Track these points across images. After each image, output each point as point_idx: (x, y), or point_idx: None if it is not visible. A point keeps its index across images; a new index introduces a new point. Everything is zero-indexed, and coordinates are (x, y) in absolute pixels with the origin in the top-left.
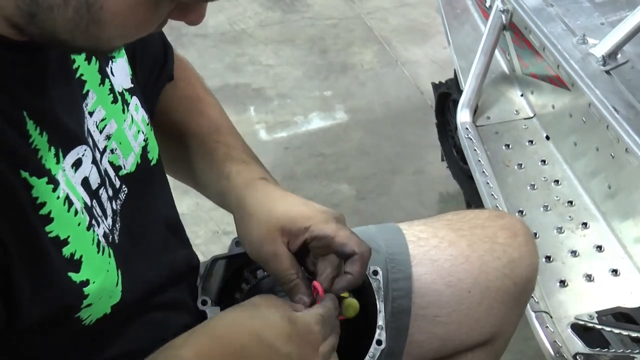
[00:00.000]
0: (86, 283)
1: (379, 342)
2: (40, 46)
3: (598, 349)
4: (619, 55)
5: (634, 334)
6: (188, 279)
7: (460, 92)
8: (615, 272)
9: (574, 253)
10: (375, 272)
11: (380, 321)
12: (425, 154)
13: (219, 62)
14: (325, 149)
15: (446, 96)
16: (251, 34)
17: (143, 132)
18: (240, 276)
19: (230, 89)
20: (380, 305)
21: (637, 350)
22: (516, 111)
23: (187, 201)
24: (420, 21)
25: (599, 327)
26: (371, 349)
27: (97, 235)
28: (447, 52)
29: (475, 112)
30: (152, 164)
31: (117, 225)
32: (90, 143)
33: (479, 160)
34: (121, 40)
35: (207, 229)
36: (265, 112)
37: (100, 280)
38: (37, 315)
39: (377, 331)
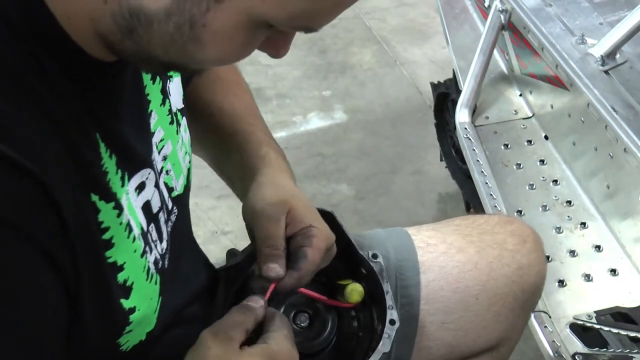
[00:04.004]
0: (133, 310)
1: (392, 322)
2: (124, 66)
3: (597, 348)
4: (617, 55)
5: (633, 334)
6: (206, 295)
7: (459, 92)
8: (614, 272)
9: (572, 253)
10: (375, 256)
11: (389, 301)
12: (424, 154)
13: None
14: (325, 149)
15: (445, 96)
16: None
17: (189, 154)
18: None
19: None
20: (386, 287)
21: (636, 350)
22: (515, 111)
23: None
24: (419, 21)
25: (597, 327)
26: (386, 330)
27: (148, 262)
28: (446, 52)
29: (474, 112)
30: (189, 186)
31: (167, 249)
32: (155, 165)
33: (478, 160)
34: (213, 62)
35: (206, 229)
36: (264, 112)
37: (145, 307)
38: (91, 343)
39: (388, 311)
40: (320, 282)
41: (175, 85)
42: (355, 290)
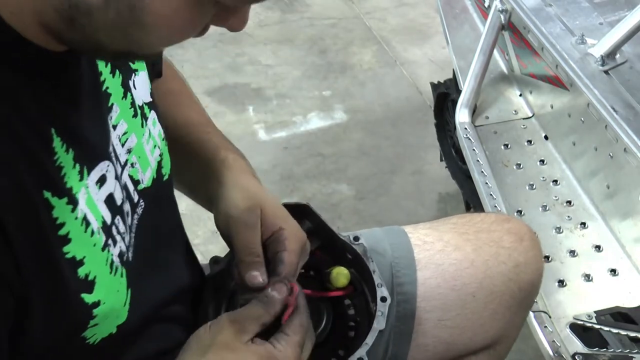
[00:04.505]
0: (97, 304)
1: (383, 299)
2: (78, 56)
3: (597, 348)
4: (617, 55)
5: (633, 334)
6: (190, 295)
7: (459, 92)
8: (614, 271)
9: (572, 253)
10: (357, 238)
11: (378, 279)
12: (424, 154)
13: (218, 62)
14: (325, 149)
15: (445, 96)
16: (250, 33)
17: (159, 147)
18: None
19: (230, 88)
20: (372, 266)
21: (636, 350)
22: (515, 111)
23: (186, 201)
24: (419, 21)
25: (597, 327)
26: (378, 308)
27: (112, 255)
28: (446, 52)
29: (474, 112)
30: (164, 179)
31: (131, 242)
32: (113, 157)
33: (478, 160)
34: (161, 44)
35: (206, 229)
36: (264, 112)
37: (111, 300)
38: (49, 339)
39: (378, 289)
40: (310, 276)
41: (141, 79)
42: (340, 274)
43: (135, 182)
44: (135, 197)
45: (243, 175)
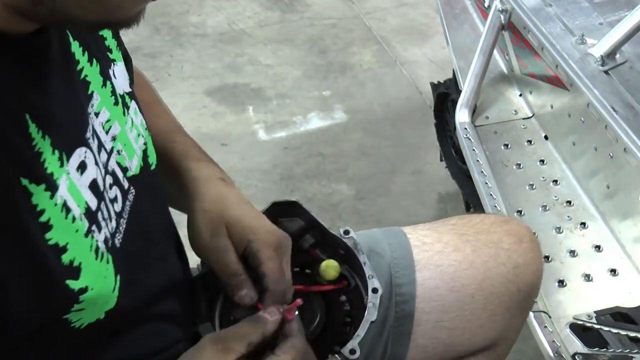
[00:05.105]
0: (84, 290)
1: (374, 290)
2: (48, 41)
3: (597, 348)
4: (617, 55)
5: (633, 334)
6: (182, 291)
7: (459, 92)
8: (613, 272)
9: (572, 253)
10: (347, 232)
11: (369, 271)
12: (424, 154)
13: (218, 62)
14: (325, 149)
15: (445, 96)
16: (250, 33)
17: (143, 136)
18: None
19: (229, 88)
20: (362, 258)
21: (636, 350)
22: (515, 111)
23: None
24: (419, 21)
25: (597, 327)
26: (370, 299)
27: (96, 241)
28: (446, 52)
29: (474, 112)
30: (151, 168)
31: (120, 228)
32: (95, 144)
33: (478, 160)
34: (135, 4)
35: None
36: (264, 112)
37: (98, 287)
38: (33, 324)
39: (369, 281)
40: (305, 274)
41: (119, 69)
42: (330, 266)
43: (124, 169)
44: (126, 184)
45: (206, 186)
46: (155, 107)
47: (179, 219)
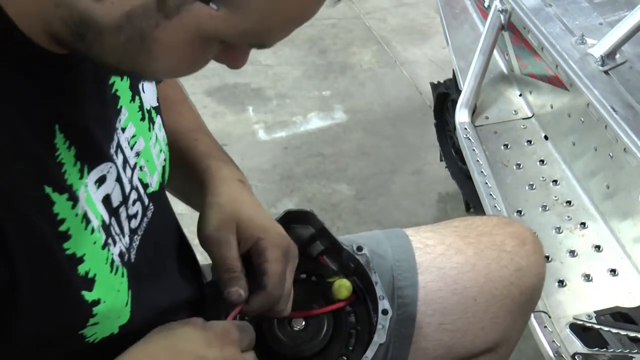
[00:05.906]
0: (97, 302)
1: (384, 312)
2: (79, 61)
3: (596, 348)
4: (617, 56)
5: (633, 334)
6: (195, 307)
7: (458, 92)
8: (613, 272)
9: (572, 253)
10: (360, 248)
11: (380, 292)
12: (424, 154)
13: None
14: (325, 149)
15: (445, 96)
16: None
17: (164, 152)
18: None
19: (229, 88)
20: (374, 277)
21: (636, 350)
22: (515, 111)
23: None
24: (419, 21)
25: (597, 327)
26: (379, 321)
27: (112, 254)
28: (446, 52)
29: (474, 112)
30: (165, 183)
31: (134, 244)
32: (120, 160)
33: (478, 160)
34: (166, 74)
35: None
36: (264, 112)
37: (111, 300)
38: (42, 332)
39: (380, 302)
40: (312, 282)
41: (149, 83)
42: (342, 286)
43: (145, 186)
44: (146, 200)
45: (222, 185)
46: (180, 104)
47: (193, 236)
